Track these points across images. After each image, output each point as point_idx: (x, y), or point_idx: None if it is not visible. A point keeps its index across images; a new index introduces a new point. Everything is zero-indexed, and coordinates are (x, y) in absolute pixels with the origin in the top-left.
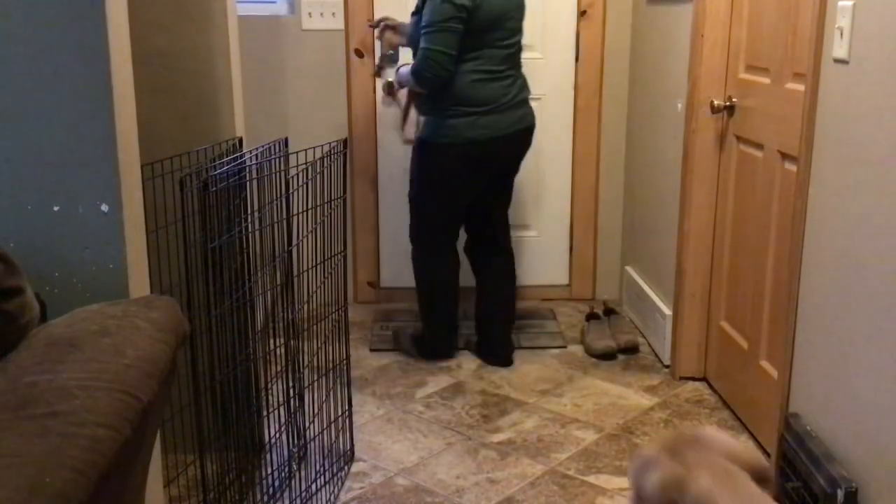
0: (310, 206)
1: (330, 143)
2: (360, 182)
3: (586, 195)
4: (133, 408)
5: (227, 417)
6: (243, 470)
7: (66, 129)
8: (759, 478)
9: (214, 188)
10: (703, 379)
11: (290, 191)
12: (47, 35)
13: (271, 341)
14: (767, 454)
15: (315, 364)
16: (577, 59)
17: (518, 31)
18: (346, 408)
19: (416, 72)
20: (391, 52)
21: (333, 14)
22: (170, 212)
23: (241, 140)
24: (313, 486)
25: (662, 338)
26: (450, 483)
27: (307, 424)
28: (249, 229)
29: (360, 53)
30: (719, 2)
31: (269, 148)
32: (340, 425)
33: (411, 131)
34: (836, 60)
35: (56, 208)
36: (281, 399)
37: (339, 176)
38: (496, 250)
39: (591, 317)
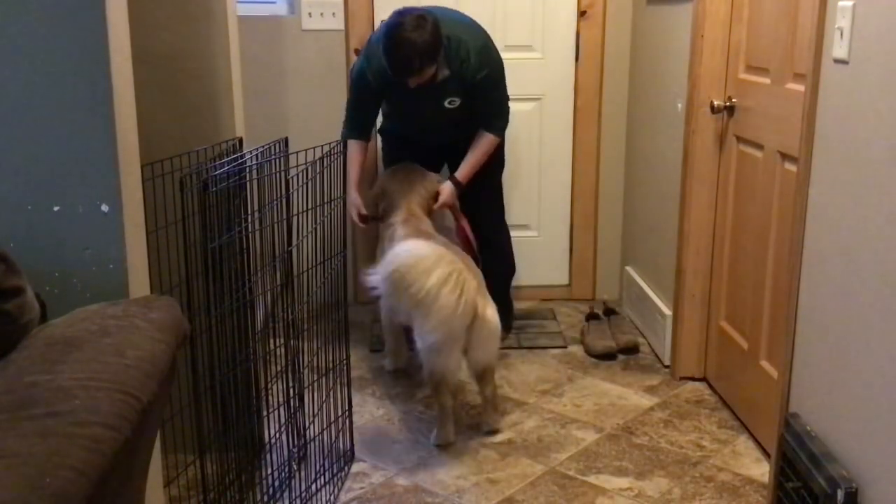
0: (310, 206)
1: (330, 143)
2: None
3: (586, 195)
4: (133, 408)
5: (227, 417)
6: (243, 470)
7: (66, 130)
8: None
9: (214, 188)
10: (703, 379)
11: (290, 191)
12: (47, 35)
13: (271, 341)
14: (767, 454)
15: (315, 364)
16: (577, 59)
17: None
18: (346, 408)
19: (504, 126)
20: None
21: (333, 14)
22: (170, 212)
23: (241, 140)
24: (313, 487)
25: (662, 338)
26: (450, 483)
27: (307, 425)
28: (249, 229)
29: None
30: (719, 2)
31: (269, 148)
32: (340, 425)
33: None
34: (836, 60)
35: (56, 208)
36: (281, 399)
37: (339, 176)
38: None
39: (591, 317)
